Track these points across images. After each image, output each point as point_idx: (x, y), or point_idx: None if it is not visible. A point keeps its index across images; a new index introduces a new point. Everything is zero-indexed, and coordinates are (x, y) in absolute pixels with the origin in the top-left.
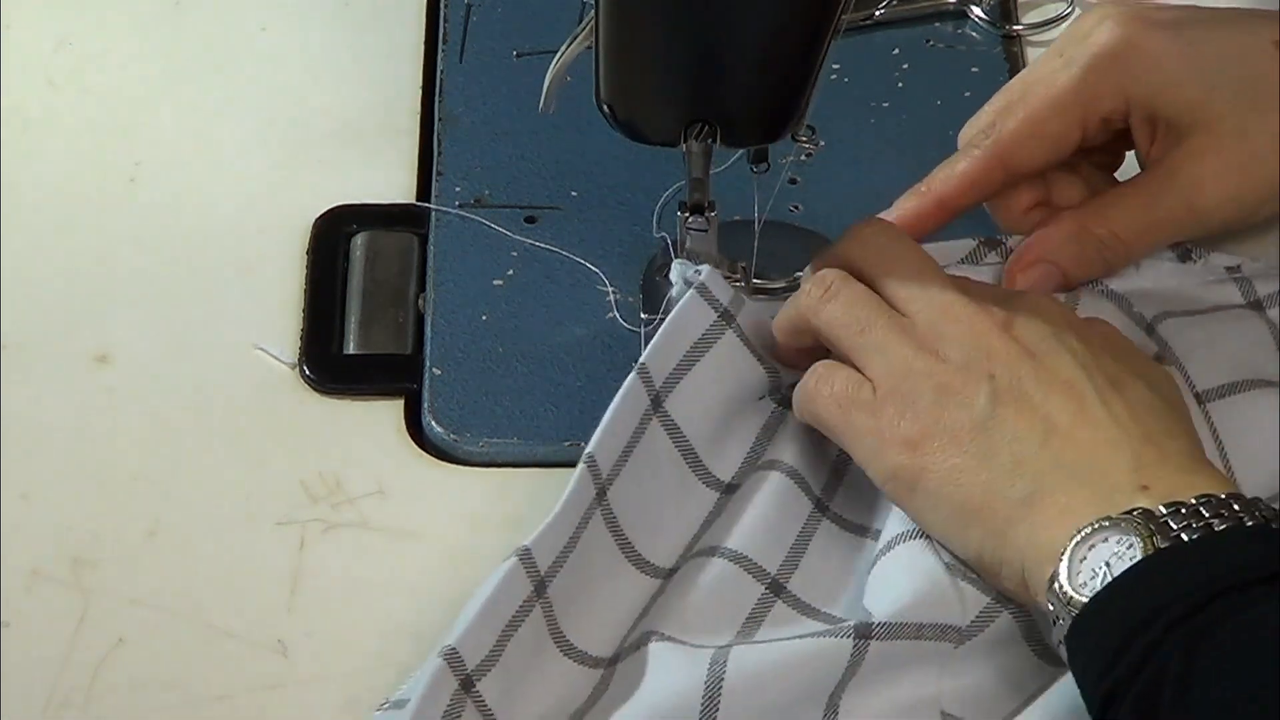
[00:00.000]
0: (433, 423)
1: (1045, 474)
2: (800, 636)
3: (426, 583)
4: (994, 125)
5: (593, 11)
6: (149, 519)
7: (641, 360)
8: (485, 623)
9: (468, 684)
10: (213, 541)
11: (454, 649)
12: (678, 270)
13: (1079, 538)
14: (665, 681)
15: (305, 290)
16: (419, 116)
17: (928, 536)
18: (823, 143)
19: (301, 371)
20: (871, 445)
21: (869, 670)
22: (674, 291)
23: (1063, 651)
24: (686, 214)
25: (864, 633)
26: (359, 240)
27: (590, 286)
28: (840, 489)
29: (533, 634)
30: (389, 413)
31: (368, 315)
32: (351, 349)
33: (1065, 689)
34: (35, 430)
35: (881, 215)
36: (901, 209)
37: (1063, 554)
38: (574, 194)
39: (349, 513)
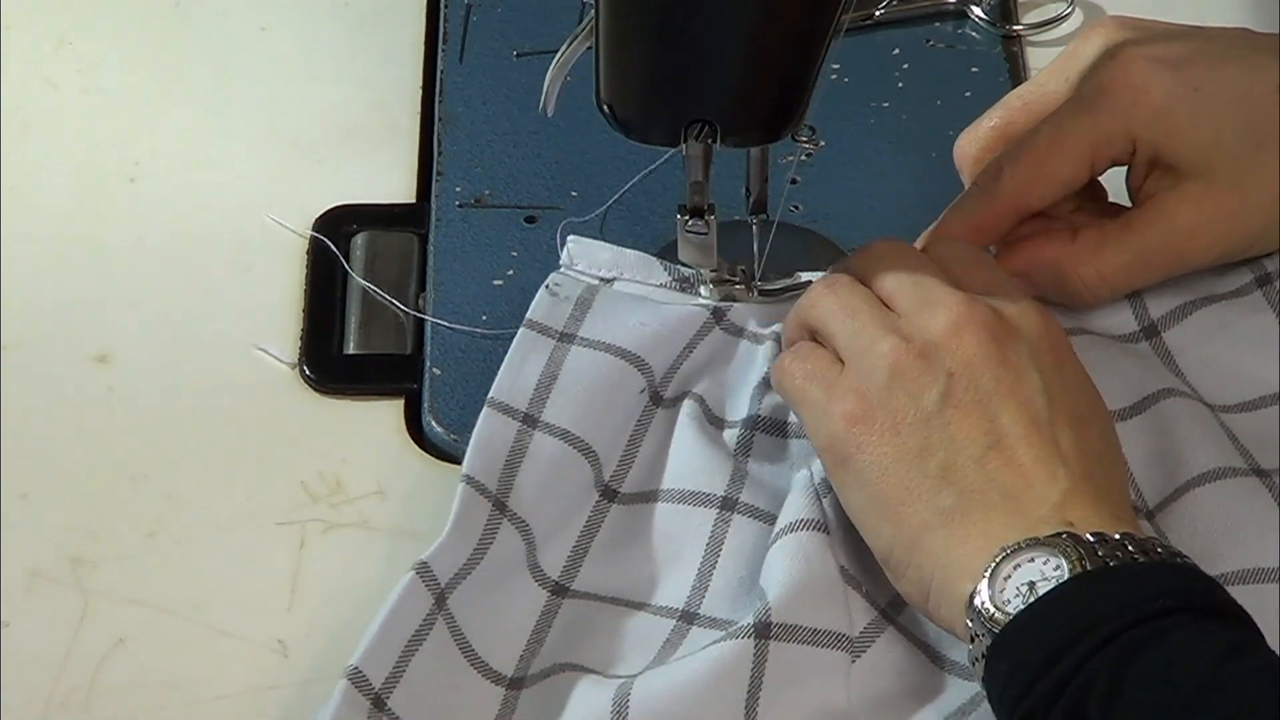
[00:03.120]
0: (433, 423)
1: (974, 491)
2: (702, 648)
3: None
4: (1001, 170)
5: (593, 11)
6: (149, 519)
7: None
8: (386, 638)
9: (379, 702)
10: (213, 541)
11: (357, 668)
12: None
13: (1002, 556)
14: (574, 712)
15: (305, 290)
16: (419, 116)
17: (828, 532)
18: (823, 143)
19: (301, 371)
20: (818, 413)
21: (777, 677)
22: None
23: (979, 669)
24: (686, 217)
25: (763, 632)
26: (359, 240)
27: None
28: (747, 483)
29: (438, 646)
30: (389, 413)
31: (368, 315)
32: (351, 349)
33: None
34: (35, 430)
35: None
36: None
37: (985, 572)
38: (574, 194)
39: (349, 513)
